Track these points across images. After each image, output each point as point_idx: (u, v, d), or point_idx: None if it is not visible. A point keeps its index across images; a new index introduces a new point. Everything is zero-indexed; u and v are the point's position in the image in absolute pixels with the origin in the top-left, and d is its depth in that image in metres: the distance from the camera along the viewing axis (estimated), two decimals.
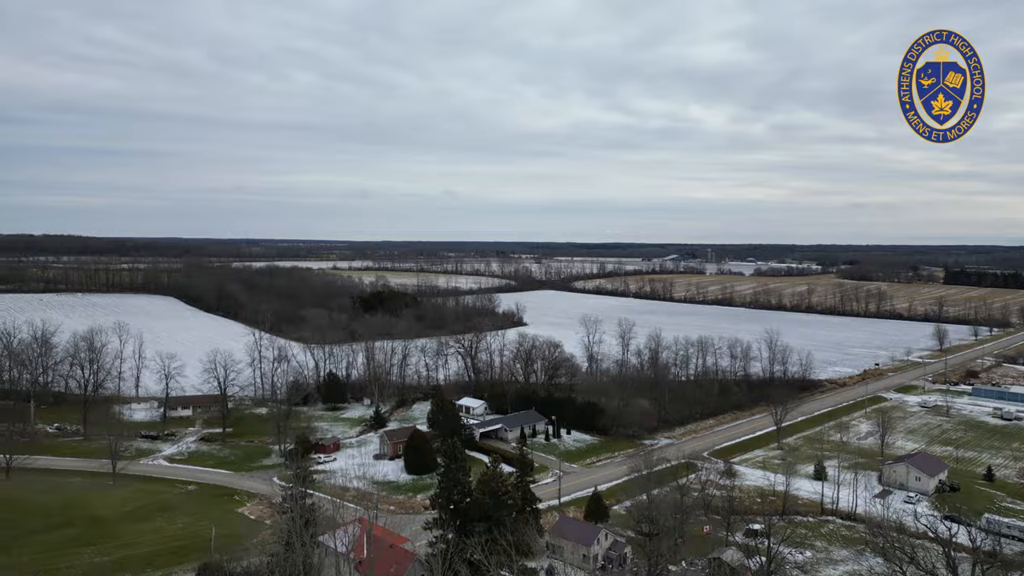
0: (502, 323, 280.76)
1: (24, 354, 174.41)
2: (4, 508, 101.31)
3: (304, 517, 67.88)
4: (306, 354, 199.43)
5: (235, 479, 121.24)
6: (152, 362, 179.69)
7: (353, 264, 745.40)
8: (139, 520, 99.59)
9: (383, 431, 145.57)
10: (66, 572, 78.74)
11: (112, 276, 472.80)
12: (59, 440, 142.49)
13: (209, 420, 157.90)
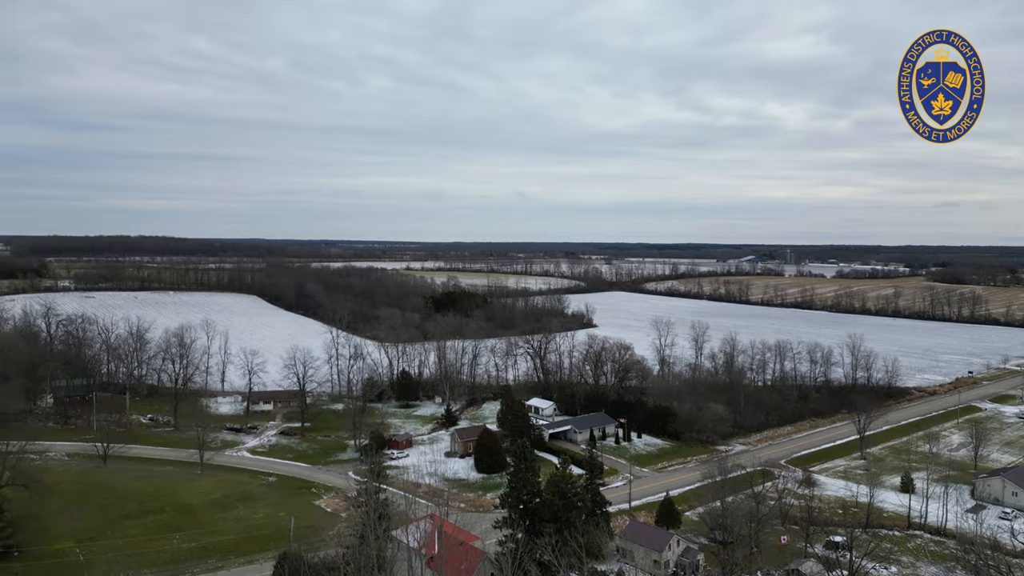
0: (571, 324, 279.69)
1: (121, 348, 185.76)
2: (102, 493, 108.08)
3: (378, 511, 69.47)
4: (380, 352, 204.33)
5: (313, 472, 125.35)
6: (236, 358, 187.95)
7: (425, 265, 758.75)
8: (223, 509, 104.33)
9: (454, 429, 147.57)
10: (156, 556, 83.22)
11: (200, 275, 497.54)
12: (152, 430, 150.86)
13: (289, 414, 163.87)
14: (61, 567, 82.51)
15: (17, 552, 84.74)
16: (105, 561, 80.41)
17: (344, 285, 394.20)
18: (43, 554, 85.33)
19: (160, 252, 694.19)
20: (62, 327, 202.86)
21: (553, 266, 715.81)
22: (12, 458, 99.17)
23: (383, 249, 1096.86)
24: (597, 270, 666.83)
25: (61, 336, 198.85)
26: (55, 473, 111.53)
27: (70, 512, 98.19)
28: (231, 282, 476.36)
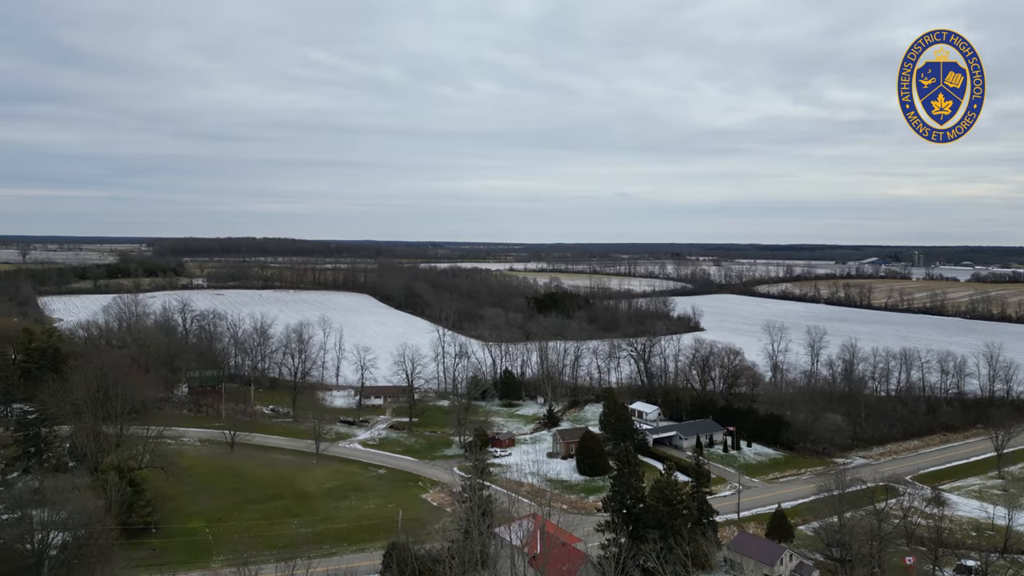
0: (677, 327, 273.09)
1: (247, 343, 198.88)
2: (229, 478, 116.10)
3: (481, 508, 70.61)
4: (484, 351, 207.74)
5: (419, 466, 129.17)
6: (350, 354, 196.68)
7: (528, 265, 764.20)
8: (337, 498, 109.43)
9: (556, 430, 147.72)
10: (276, 539, 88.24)
11: (318, 275, 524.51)
12: (273, 420, 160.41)
13: (397, 409, 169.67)
14: (193, 545, 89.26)
15: (155, 529, 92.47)
16: (231, 541, 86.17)
17: (450, 285, 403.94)
18: (177, 532, 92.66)
19: (282, 253, 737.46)
20: (196, 322, 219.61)
21: (658, 267, 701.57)
22: (152, 442, 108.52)
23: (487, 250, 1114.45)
24: (705, 272, 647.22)
25: (195, 330, 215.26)
26: (188, 457, 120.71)
27: (201, 494, 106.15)
28: (345, 281, 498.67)
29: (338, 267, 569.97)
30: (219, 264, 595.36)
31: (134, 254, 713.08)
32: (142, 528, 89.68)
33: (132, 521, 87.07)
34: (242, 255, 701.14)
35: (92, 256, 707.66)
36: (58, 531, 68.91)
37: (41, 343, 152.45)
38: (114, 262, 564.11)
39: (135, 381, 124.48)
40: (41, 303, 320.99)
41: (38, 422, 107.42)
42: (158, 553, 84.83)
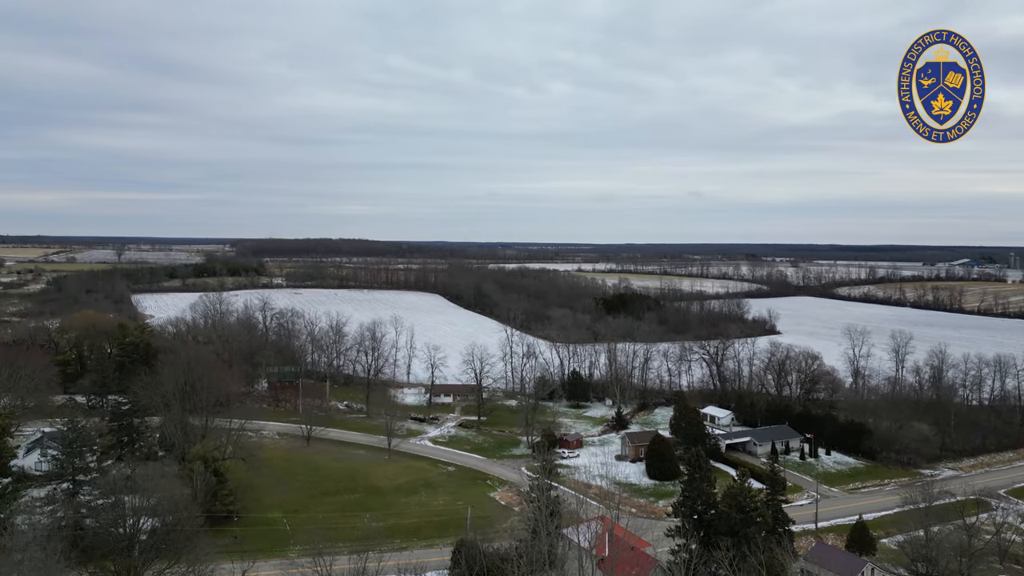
0: (751, 330, 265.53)
1: (322, 340, 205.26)
2: (306, 470, 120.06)
3: (549, 508, 70.54)
4: (552, 352, 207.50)
5: (487, 465, 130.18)
6: (421, 352, 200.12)
7: (597, 266, 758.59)
8: (408, 493, 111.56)
9: (625, 433, 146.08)
10: (349, 532, 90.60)
11: (390, 275, 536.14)
12: (347, 416, 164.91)
13: (466, 408, 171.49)
14: (272, 534, 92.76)
15: (237, 518, 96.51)
16: (307, 532, 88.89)
17: (518, 285, 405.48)
18: (257, 521, 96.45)
19: (356, 253, 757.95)
20: (275, 320, 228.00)
21: (732, 268, 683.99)
22: (234, 434, 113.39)
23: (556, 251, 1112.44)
24: (781, 273, 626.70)
25: (274, 328, 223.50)
26: (267, 450, 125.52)
27: (279, 486, 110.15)
28: (417, 281, 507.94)
29: (410, 267, 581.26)
30: (297, 264, 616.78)
31: (219, 254, 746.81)
32: (225, 516, 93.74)
33: (216, 509, 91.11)
34: (319, 255, 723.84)
35: (181, 256, 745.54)
36: (148, 517, 72.77)
37: (134, 338, 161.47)
38: (200, 262, 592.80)
39: (219, 375, 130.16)
40: (134, 300, 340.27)
41: (131, 413, 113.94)
42: (239, 541, 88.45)
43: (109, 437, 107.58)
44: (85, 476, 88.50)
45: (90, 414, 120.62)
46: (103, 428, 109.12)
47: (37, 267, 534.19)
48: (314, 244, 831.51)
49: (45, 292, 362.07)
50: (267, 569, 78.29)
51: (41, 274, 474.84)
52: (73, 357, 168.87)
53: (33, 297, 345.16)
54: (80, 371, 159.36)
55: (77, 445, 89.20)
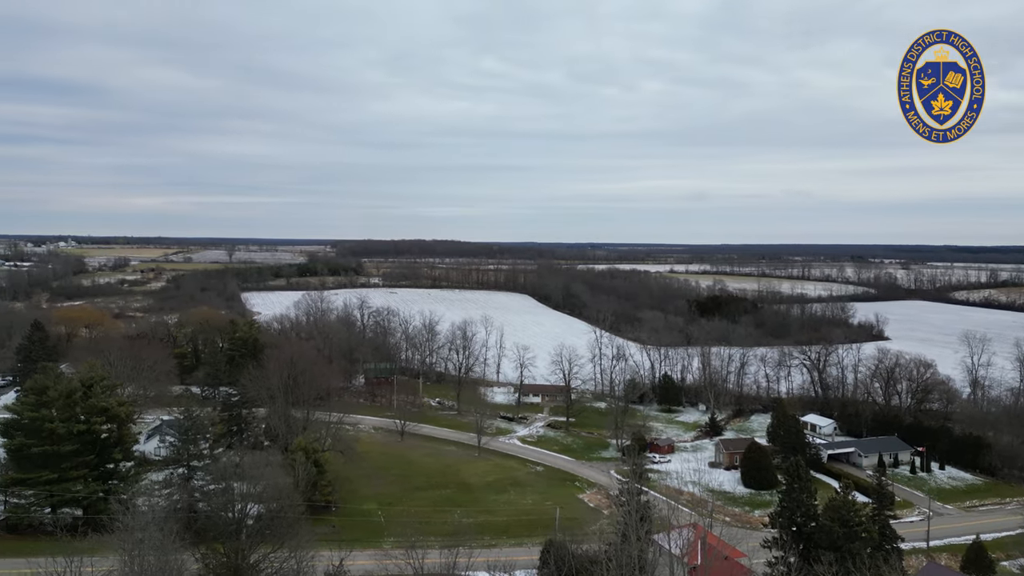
0: (857, 336, 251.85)
1: (416, 338, 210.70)
2: (399, 464, 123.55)
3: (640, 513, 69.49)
4: (642, 354, 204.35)
5: (576, 466, 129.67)
6: (510, 352, 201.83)
7: (690, 268, 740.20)
8: (497, 491, 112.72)
9: (718, 439, 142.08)
10: (440, 527, 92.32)
11: (481, 275, 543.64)
12: (439, 412, 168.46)
13: (555, 408, 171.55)
14: (367, 525, 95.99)
15: (335, 508, 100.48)
16: (400, 525, 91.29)
17: (608, 287, 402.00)
18: (354, 512, 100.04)
19: (448, 254, 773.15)
20: (372, 318, 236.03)
21: (836, 271, 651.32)
22: (333, 427, 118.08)
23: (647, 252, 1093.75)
24: (891, 275, 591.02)
25: (371, 325, 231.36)
26: (364, 443, 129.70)
27: (374, 478, 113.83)
28: (506, 282, 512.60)
29: (500, 268, 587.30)
30: (393, 264, 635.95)
31: (320, 255, 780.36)
32: (324, 506, 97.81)
33: (315, 499, 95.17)
34: (413, 256, 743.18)
35: (285, 256, 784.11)
36: (254, 503, 76.85)
37: (243, 334, 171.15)
38: (303, 262, 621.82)
39: (320, 371, 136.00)
40: (244, 298, 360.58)
41: (240, 404, 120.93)
42: (337, 530, 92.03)
43: (220, 426, 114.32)
44: (199, 462, 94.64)
45: (203, 404, 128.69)
46: (215, 418, 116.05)
47: (158, 266, 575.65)
48: (408, 245, 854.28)
49: (165, 290, 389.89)
50: (363, 559, 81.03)
51: (161, 273, 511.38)
52: (189, 351, 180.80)
53: (154, 294, 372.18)
54: (195, 364, 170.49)
55: (192, 433, 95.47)
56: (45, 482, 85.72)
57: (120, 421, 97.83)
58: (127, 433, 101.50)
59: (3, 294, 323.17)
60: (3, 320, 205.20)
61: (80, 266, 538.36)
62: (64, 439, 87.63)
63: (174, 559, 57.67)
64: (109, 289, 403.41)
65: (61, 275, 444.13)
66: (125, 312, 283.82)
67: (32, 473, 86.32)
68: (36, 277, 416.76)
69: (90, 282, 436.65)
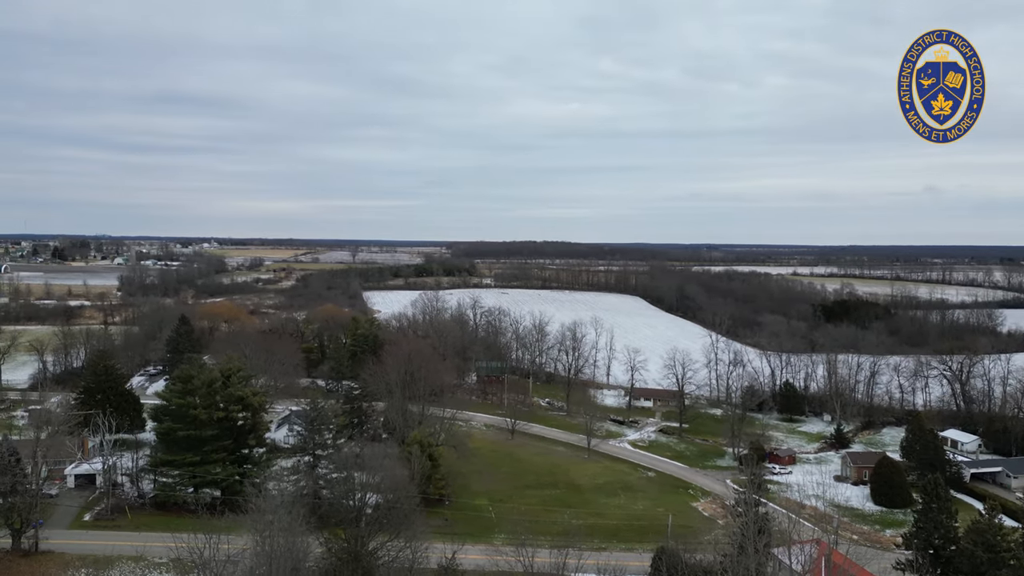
0: (1006, 345, 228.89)
1: (526, 338, 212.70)
2: (509, 462, 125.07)
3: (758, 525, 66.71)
4: (761, 360, 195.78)
5: (689, 474, 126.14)
6: (620, 354, 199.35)
7: (815, 270, 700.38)
8: (607, 494, 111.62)
9: (845, 452, 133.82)
10: (550, 526, 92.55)
11: (591, 277, 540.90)
12: (548, 412, 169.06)
13: (667, 413, 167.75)
14: (479, 520, 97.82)
15: (448, 502, 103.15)
16: (510, 522, 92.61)
17: (724, 289, 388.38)
18: (465, 506, 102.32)
19: (559, 255, 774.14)
20: (484, 317, 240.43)
21: (982, 274, 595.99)
22: (446, 423, 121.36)
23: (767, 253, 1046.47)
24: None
25: (483, 325, 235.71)
26: (475, 440, 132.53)
27: (485, 474, 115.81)
28: (617, 283, 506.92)
29: (610, 269, 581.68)
30: (504, 265, 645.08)
31: (436, 256, 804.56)
32: (437, 499, 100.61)
33: (429, 492, 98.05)
34: (524, 257, 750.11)
35: (403, 257, 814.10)
36: (373, 492, 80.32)
37: (364, 331, 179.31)
38: (420, 263, 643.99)
39: (435, 367, 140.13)
40: (365, 296, 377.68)
41: (360, 398, 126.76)
42: (450, 524, 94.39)
43: (343, 418, 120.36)
44: (323, 451, 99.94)
45: (328, 397, 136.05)
46: (338, 410, 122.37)
47: (288, 266, 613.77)
48: (520, 246, 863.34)
49: (294, 288, 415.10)
50: (474, 553, 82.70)
51: (291, 272, 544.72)
52: (315, 346, 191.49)
53: (285, 292, 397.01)
54: (321, 358, 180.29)
55: (317, 424, 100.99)
56: (189, 464, 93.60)
57: (254, 410, 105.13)
58: (260, 421, 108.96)
59: (155, 291, 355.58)
60: (155, 314, 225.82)
61: (221, 266, 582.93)
62: (206, 424, 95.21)
63: (300, 541, 61.32)
64: (246, 287, 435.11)
65: (205, 274, 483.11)
66: (259, 308, 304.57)
67: (178, 455, 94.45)
68: (183, 275, 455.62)
69: (229, 280, 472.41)
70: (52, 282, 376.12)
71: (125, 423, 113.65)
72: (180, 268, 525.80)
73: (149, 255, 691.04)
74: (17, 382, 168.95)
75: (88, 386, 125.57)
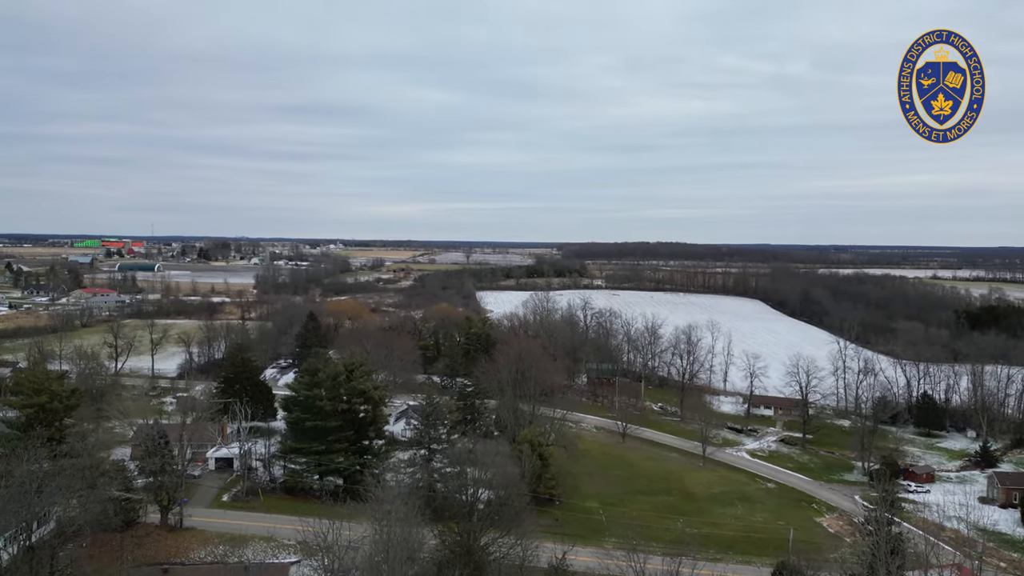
0: None
1: (638, 341, 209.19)
2: (620, 466, 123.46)
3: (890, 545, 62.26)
4: (896, 370, 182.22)
5: (813, 487, 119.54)
6: (738, 359, 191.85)
7: (958, 273, 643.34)
8: (722, 504, 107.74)
9: (993, 471, 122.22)
10: (662, 534, 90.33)
11: (707, 279, 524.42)
12: (661, 417, 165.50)
13: (789, 423, 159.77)
14: (589, 522, 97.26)
15: (558, 502, 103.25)
16: (621, 526, 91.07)
17: (854, 293, 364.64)
18: (575, 508, 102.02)
19: (673, 256, 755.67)
20: (595, 319, 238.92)
21: None
22: (556, 423, 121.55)
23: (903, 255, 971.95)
24: None
25: (594, 326, 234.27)
26: (585, 441, 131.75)
27: (595, 477, 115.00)
28: (735, 286, 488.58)
29: (728, 271, 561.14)
30: (616, 267, 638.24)
31: (547, 257, 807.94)
32: (547, 499, 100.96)
33: (540, 491, 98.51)
34: (636, 258, 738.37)
35: (515, 259, 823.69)
36: (484, 488, 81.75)
37: (477, 330, 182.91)
38: (531, 264, 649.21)
39: (545, 367, 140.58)
40: (478, 296, 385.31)
41: (473, 395, 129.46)
42: (559, 524, 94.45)
43: (456, 414, 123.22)
44: (438, 446, 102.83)
45: (442, 393, 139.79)
46: (452, 406, 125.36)
47: (407, 266, 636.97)
48: (632, 248, 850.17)
49: (412, 287, 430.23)
50: (584, 555, 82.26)
51: (410, 272, 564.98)
52: (431, 343, 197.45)
53: (403, 291, 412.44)
54: (436, 355, 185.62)
55: (432, 418, 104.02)
56: (315, 452, 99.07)
57: (374, 403, 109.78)
58: (380, 414, 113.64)
59: (287, 289, 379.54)
60: (286, 311, 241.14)
61: (346, 266, 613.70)
62: (330, 415, 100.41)
63: (416, 532, 63.38)
64: (368, 286, 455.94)
65: (331, 273, 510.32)
66: (380, 307, 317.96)
67: (305, 443, 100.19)
68: (311, 275, 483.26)
69: (353, 280, 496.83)
70: (197, 280, 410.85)
71: (259, 412, 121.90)
72: (309, 268, 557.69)
73: (281, 255, 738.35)
74: (167, 371, 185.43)
75: (228, 376, 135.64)
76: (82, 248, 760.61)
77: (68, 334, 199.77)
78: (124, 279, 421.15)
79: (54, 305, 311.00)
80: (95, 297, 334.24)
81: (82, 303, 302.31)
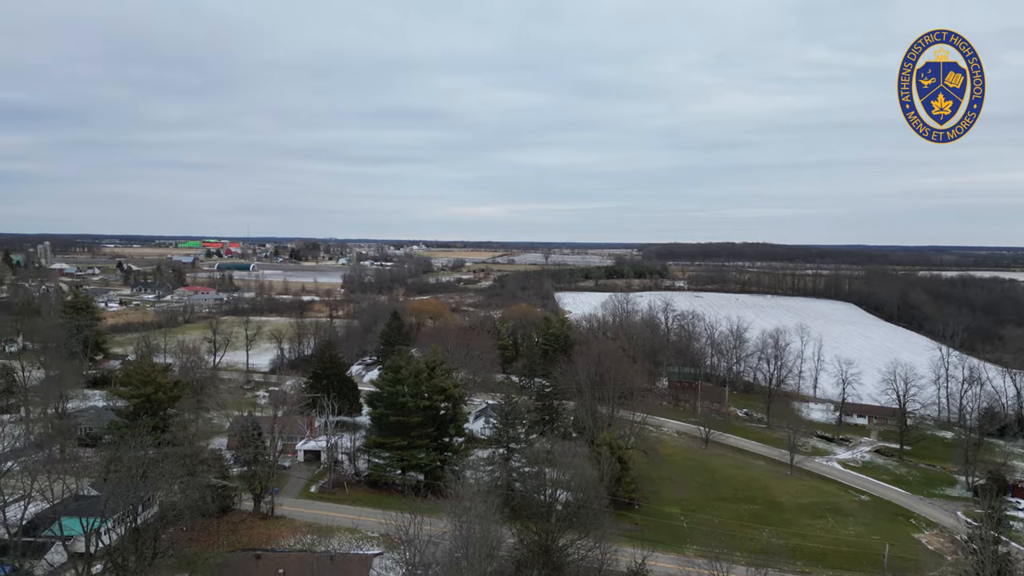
0: None
1: (722, 344, 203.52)
2: (702, 472, 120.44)
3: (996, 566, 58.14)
4: (1005, 379, 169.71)
5: (911, 501, 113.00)
6: (830, 365, 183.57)
7: None
8: (812, 515, 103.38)
9: None
10: (747, 543, 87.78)
11: (797, 281, 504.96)
12: (746, 424, 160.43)
13: (884, 433, 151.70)
14: (669, 528, 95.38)
15: (638, 506, 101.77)
16: (703, 534, 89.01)
17: (958, 297, 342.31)
18: (656, 513, 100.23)
19: (759, 258, 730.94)
20: (676, 321, 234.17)
21: None
22: (636, 426, 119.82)
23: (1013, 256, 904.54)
24: None
25: (675, 329, 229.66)
26: (666, 446, 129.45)
27: (676, 482, 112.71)
28: (827, 288, 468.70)
29: (819, 273, 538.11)
30: (699, 268, 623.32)
31: (627, 258, 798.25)
32: (627, 503, 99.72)
33: (619, 494, 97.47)
34: (721, 259, 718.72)
35: (594, 260, 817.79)
36: (563, 489, 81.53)
37: (556, 330, 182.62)
38: (611, 265, 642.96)
39: (624, 370, 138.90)
40: (556, 297, 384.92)
41: (551, 395, 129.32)
42: (639, 528, 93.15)
43: (534, 414, 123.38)
44: (516, 445, 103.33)
45: (521, 392, 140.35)
46: (530, 406, 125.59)
47: (486, 267, 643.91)
48: (716, 248, 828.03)
49: (492, 288, 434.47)
50: (664, 561, 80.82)
51: (489, 273, 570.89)
52: (510, 343, 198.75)
53: (483, 291, 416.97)
54: (514, 355, 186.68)
55: (511, 418, 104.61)
56: (397, 447, 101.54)
57: (454, 401, 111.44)
58: (460, 412, 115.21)
59: (372, 288, 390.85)
60: (371, 310, 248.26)
61: (428, 266, 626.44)
62: (412, 412, 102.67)
63: (495, 530, 63.93)
64: (449, 286, 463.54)
65: (414, 274, 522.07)
66: (460, 306, 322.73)
67: (388, 438, 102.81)
68: (395, 275, 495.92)
69: (434, 280, 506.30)
70: (289, 279, 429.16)
71: (345, 407, 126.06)
72: (393, 268, 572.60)
73: (367, 256, 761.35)
74: (260, 366, 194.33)
75: (316, 372, 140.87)
76: (185, 248, 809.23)
77: (172, 329, 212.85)
78: (222, 278, 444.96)
79: (160, 302, 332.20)
80: (196, 295, 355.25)
81: (184, 300, 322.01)
